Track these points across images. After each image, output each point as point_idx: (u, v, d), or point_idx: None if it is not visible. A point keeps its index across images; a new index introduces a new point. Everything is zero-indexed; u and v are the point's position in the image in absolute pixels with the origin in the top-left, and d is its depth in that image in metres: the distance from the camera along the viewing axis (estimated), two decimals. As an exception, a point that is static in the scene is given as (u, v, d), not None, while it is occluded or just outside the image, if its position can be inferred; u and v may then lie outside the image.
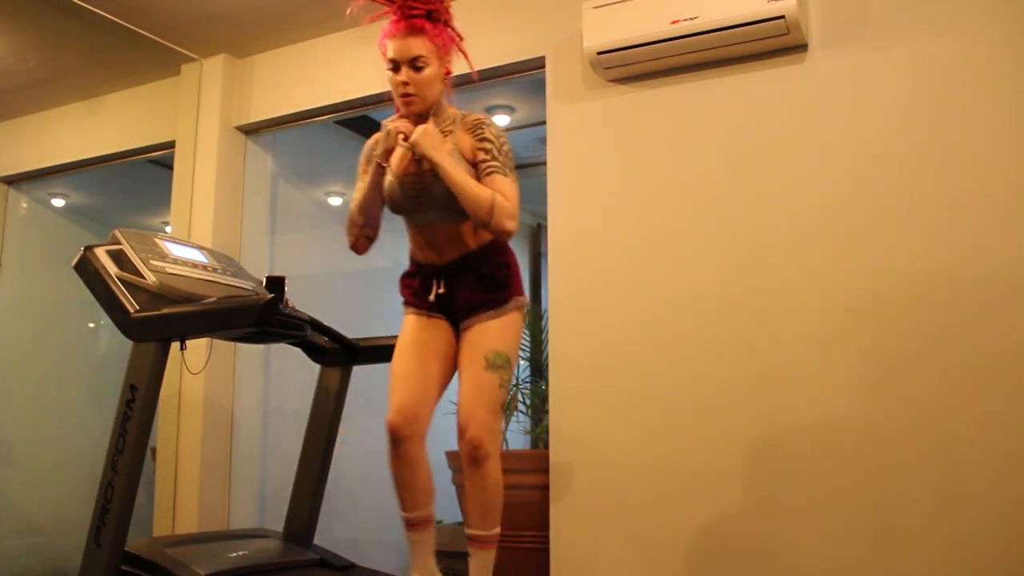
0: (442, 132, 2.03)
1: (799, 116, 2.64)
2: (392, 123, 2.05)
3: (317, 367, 2.91)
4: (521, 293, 2.11)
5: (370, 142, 2.18)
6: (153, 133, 4.02)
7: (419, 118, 2.05)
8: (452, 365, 2.11)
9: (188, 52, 3.79)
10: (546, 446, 2.94)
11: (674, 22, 2.66)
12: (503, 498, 2.03)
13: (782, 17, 2.52)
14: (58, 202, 4.76)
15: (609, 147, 2.93)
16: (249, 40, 3.70)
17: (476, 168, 2.01)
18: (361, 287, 4.28)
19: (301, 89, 3.67)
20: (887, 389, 2.39)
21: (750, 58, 2.71)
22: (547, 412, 2.95)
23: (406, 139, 2.00)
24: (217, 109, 3.75)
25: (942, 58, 2.46)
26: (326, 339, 2.83)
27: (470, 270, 2.05)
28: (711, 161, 2.75)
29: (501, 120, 4.29)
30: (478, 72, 2.23)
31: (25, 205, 4.61)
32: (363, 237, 2.13)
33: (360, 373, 2.95)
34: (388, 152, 2.04)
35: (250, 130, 3.85)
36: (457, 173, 1.95)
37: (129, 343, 2.34)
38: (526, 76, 3.25)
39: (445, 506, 4.02)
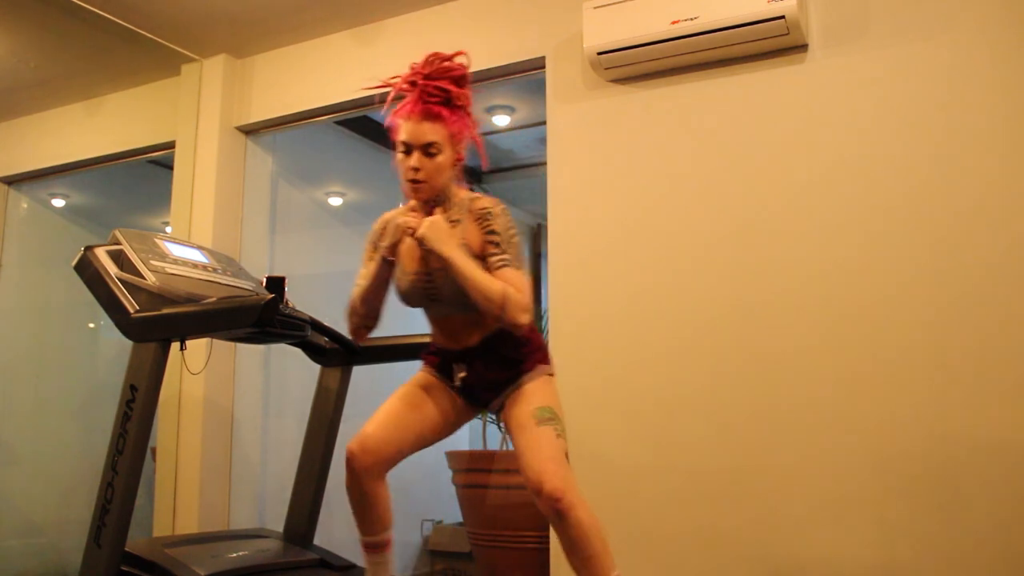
0: (450, 222, 1.96)
1: (799, 116, 2.64)
2: (401, 216, 1.98)
3: (317, 367, 2.91)
4: (547, 362, 2.05)
5: (376, 227, 2.10)
6: (153, 133, 4.02)
7: (426, 204, 2.00)
8: (443, 427, 2.07)
9: (188, 52, 3.79)
10: (546, 446, 2.93)
11: (674, 22, 2.66)
12: (603, 537, 1.90)
13: (782, 17, 2.52)
14: (58, 202, 4.76)
15: (609, 147, 2.93)
16: (249, 40, 3.70)
17: (484, 261, 1.94)
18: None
19: (301, 89, 3.67)
20: (887, 388, 2.39)
21: (750, 58, 2.71)
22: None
23: (412, 235, 1.93)
24: (217, 109, 3.75)
25: (942, 58, 2.46)
26: (326, 339, 2.83)
27: (491, 353, 2.01)
28: (711, 161, 2.75)
29: (501, 120, 4.29)
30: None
31: (25, 205, 4.61)
32: (363, 327, 2.07)
33: (360, 373, 2.95)
34: (394, 246, 1.97)
35: (250, 130, 3.86)
36: (467, 267, 1.88)
37: (129, 343, 2.34)
38: (526, 76, 3.25)
39: (445, 506, 4.03)
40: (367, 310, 2.04)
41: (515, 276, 1.92)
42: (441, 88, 1.92)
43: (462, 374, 2.03)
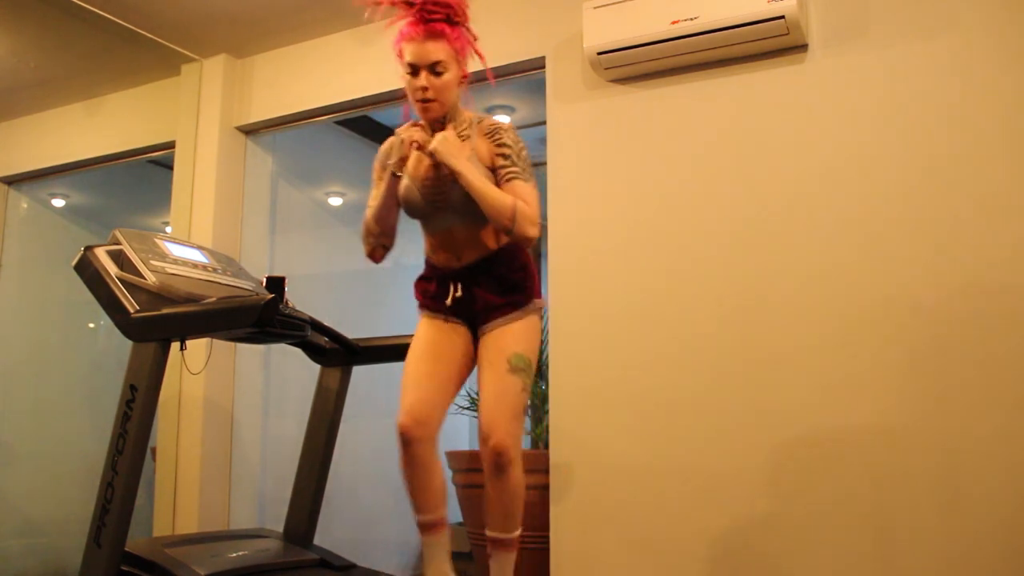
0: (459, 137, 2.02)
1: (799, 116, 2.64)
2: (406, 131, 2.04)
3: (317, 367, 2.91)
4: (539, 295, 2.09)
5: (384, 147, 2.16)
6: (153, 133, 4.02)
7: (436, 123, 2.04)
8: (466, 369, 2.10)
9: (188, 52, 3.79)
10: (546, 446, 2.94)
11: (674, 22, 2.66)
12: (523, 500, 2.02)
13: (782, 17, 2.52)
14: (58, 202, 4.76)
15: (609, 147, 2.93)
16: (249, 40, 3.70)
17: (495, 173, 1.99)
18: (361, 287, 4.28)
19: (301, 89, 3.67)
20: (889, 390, 2.39)
21: (750, 58, 2.71)
22: (547, 412, 2.95)
23: (420, 148, 1.98)
24: (217, 109, 3.75)
25: (942, 58, 2.46)
26: (326, 339, 2.83)
27: (488, 273, 2.03)
28: (711, 161, 2.75)
29: (501, 120, 4.29)
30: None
31: (25, 205, 4.61)
32: (380, 246, 2.12)
33: (360, 373, 2.95)
34: (402, 161, 2.02)
35: (250, 130, 3.86)
36: (478, 180, 1.93)
37: (129, 343, 2.34)
38: (526, 76, 3.25)
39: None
40: (382, 228, 2.09)
41: (525, 189, 1.96)
42: (440, 4, 1.95)
43: (457, 294, 2.04)
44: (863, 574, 2.35)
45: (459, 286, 2.05)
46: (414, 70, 1.98)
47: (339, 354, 2.85)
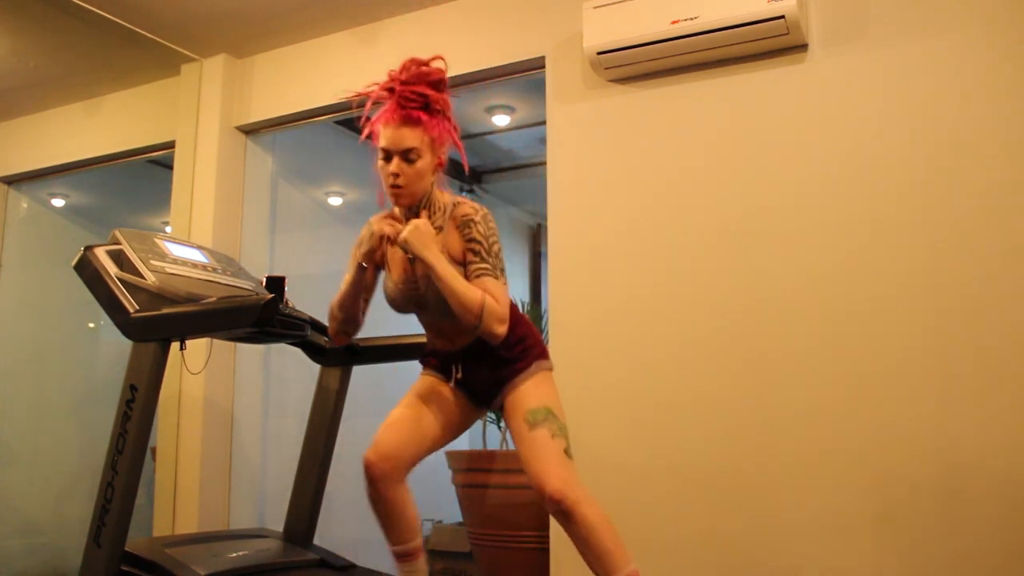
0: (432, 225, 1.96)
1: (799, 116, 2.64)
2: (377, 223, 2.00)
3: (317, 367, 2.91)
4: (544, 358, 2.04)
5: (362, 233, 2.11)
6: (153, 133, 4.02)
7: (408, 210, 2.01)
8: (453, 426, 2.07)
9: (188, 52, 3.79)
10: (546, 446, 2.93)
11: (674, 22, 2.66)
12: (614, 532, 1.89)
13: (782, 17, 2.52)
14: (58, 202, 4.76)
15: (609, 147, 2.93)
16: (249, 40, 3.70)
17: (464, 268, 1.94)
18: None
19: (301, 89, 3.67)
20: (888, 389, 2.39)
21: (750, 58, 2.71)
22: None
23: (391, 241, 1.96)
24: (217, 109, 3.75)
25: (942, 58, 2.46)
26: (326, 339, 2.83)
27: (485, 354, 2.00)
28: (711, 161, 2.75)
29: (501, 120, 4.29)
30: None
31: (25, 205, 4.61)
32: (342, 332, 2.09)
33: (360, 373, 2.95)
34: (370, 253, 1.99)
35: (250, 130, 3.86)
36: (447, 275, 1.88)
37: (129, 343, 2.34)
38: (526, 76, 3.25)
39: (445, 506, 4.02)
40: (344, 315, 2.06)
41: (493, 286, 1.91)
42: (419, 93, 1.92)
43: (458, 376, 2.04)
44: (862, 571, 2.35)
45: (459, 367, 2.04)
46: (387, 155, 1.96)
47: (339, 354, 2.84)
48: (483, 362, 2.01)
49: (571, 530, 1.87)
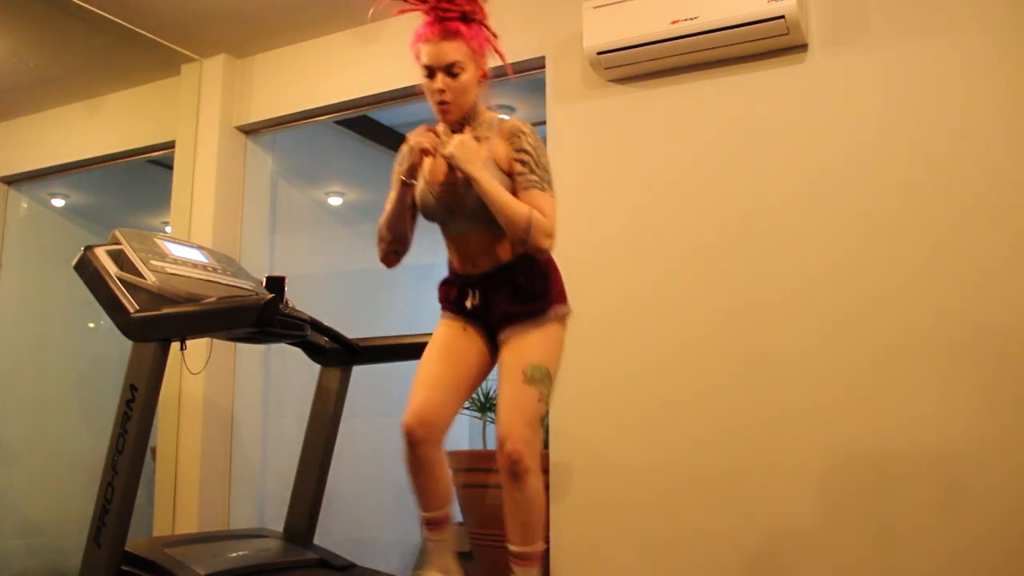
0: (477, 139, 1.95)
1: (799, 116, 2.64)
2: (416, 137, 1.98)
3: (317, 367, 2.91)
4: (562, 302, 2.03)
5: (403, 148, 2.09)
6: (153, 133, 4.02)
7: (454, 124, 1.99)
8: (479, 374, 2.06)
9: (188, 52, 3.79)
10: (546, 446, 2.94)
11: (674, 22, 2.66)
12: (544, 508, 1.96)
13: (782, 17, 2.52)
14: (58, 202, 4.76)
15: (609, 147, 2.93)
16: (249, 40, 3.70)
17: (512, 179, 1.93)
18: (361, 287, 4.28)
19: (301, 89, 3.67)
20: (888, 390, 2.39)
21: (750, 58, 2.71)
22: (547, 412, 2.95)
23: (432, 153, 1.93)
24: (217, 109, 3.75)
25: (942, 58, 2.46)
26: (326, 339, 2.83)
27: (506, 281, 1.98)
28: (711, 161, 2.75)
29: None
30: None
31: (25, 205, 4.61)
32: (392, 252, 2.06)
33: (360, 373, 2.95)
34: (413, 168, 1.97)
35: (250, 130, 3.86)
36: (493, 188, 1.87)
37: (129, 343, 2.34)
38: (526, 76, 3.24)
39: (445, 506, 4.02)
40: (393, 235, 2.03)
41: (542, 199, 1.91)
42: (455, 3, 1.89)
43: (476, 301, 2.00)
44: (864, 572, 2.35)
45: (477, 293, 2.00)
46: (430, 72, 1.92)
47: (339, 354, 2.85)
48: (502, 290, 1.98)
49: (513, 492, 1.91)
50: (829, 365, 2.47)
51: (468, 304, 2.01)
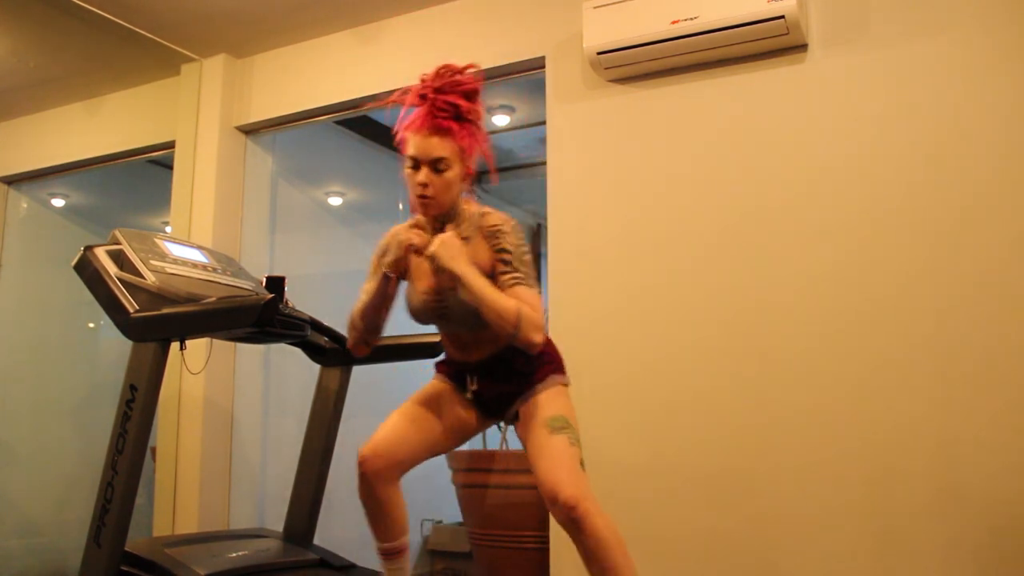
0: (460, 237, 1.91)
1: (799, 116, 2.64)
2: (404, 233, 1.95)
3: (317, 367, 2.91)
4: (560, 372, 2.01)
5: (382, 242, 2.06)
6: (153, 133, 4.02)
7: (435, 221, 1.97)
8: (456, 434, 2.05)
9: (188, 52, 3.79)
10: (546, 446, 2.93)
11: (674, 22, 2.66)
12: (624, 548, 1.84)
13: (782, 17, 2.52)
14: (58, 202, 4.76)
15: (609, 147, 2.93)
16: (249, 40, 3.70)
17: (495, 279, 1.90)
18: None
19: (301, 89, 3.67)
20: (888, 390, 2.39)
21: (750, 58, 2.71)
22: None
23: (418, 252, 1.92)
24: (217, 109, 3.75)
25: (942, 58, 2.46)
26: (326, 339, 2.83)
27: (503, 368, 1.98)
28: (711, 161, 2.75)
29: (501, 120, 4.29)
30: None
31: (25, 205, 4.61)
32: (362, 342, 2.06)
33: (360, 373, 2.95)
34: (398, 263, 1.94)
35: (250, 130, 3.86)
36: (478, 286, 1.84)
37: (129, 343, 2.34)
38: (526, 76, 3.24)
39: (445, 506, 4.03)
40: (366, 325, 2.02)
41: (528, 294, 1.88)
42: (452, 103, 1.87)
43: (473, 387, 2.01)
44: (864, 573, 2.35)
45: (475, 380, 2.01)
46: (415, 164, 1.89)
47: (339, 354, 2.84)
48: (499, 376, 1.98)
49: (581, 540, 1.82)
50: (829, 365, 2.47)
51: (468, 393, 2.02)
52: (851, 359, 2.45)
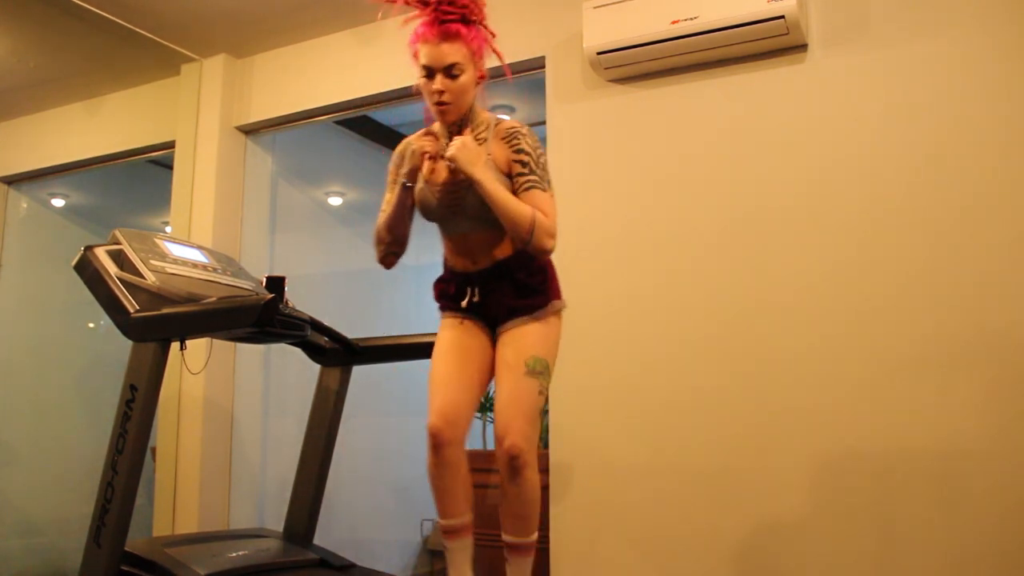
0: (476, 140, 1.97)
1: (799, 116, 2.64)
2: (418, 141, 1.99)
3: (317, 367, 2.91)
4: (559, 297, 2.05)
5: (399, 149, 2.09)
6: (153, 133, 4.02)
7: (453, 126, 2.00)
8: (489, 369, 2.05)
9: (188, 52, 3.79)
10: (546, 446, 2.94)
11: (674, 22, 2.66)
12: (539, 503, 1.98)
13: (782, 17, 2.52)
14: (58, 202, 4.76)
15: (609, 147, 2.93)
16: (249, 40, 3.70)
17: (511, 180, 1.94)
18: (361, 287, 4.28)
19: (301, 89, 3.67)
20: (888, 389, 2.39)
21: (750, 58, 2.71)
22: (547, 412, 2.95)
23: (433, 158, 1.96)
24: (217, 109, 3.75)
25: (941, 58, 2.46)
26: (326, 339, 2.83)
27: (505, 277, 1.99)
28: (711, 161, 2.75)
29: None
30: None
31: (25, 205, 4.61)
32: (391, 253, 2.08)
33: (360, 373, 2.95)
34: (414, 171, 1.98)
35: (250, 130, 3.86)
36: (495, 189, 1.88)
37: (129, 343, 2.34)
38: (526, 76, 3.24)
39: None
40: (393, 237, 2.05)
41: (543, 199, 1.93)
42: (457, 3, 1.90)
43: (474, 298, 2.01)
44: (864, 572, 2.35)
45: (476, 290, 2.01)
46: (429, 73, 1.92)
47: (339, 354, 2.84)
48: (502, 286, 1.99)
49: (511, 486, 1.91)
50: (829, 365, 2.47)
51: (465, 303, 2.01)
52: (851, 359, 2.45)
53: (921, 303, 2.39)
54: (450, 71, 1.91)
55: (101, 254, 2.45)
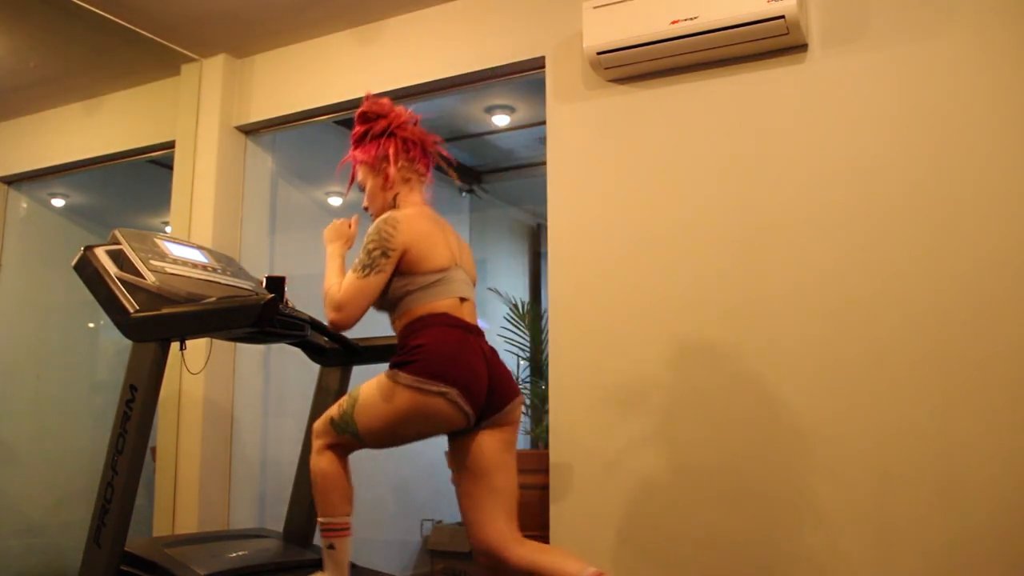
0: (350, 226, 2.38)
1: (799, 116, 2.64)
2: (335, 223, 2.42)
3: (317, 367, 2.91)
4: (401, 369, 2.05)
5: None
6: (153, 133, 4.02)
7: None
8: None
9: (188, 52, 3.79)
10: (546, 446, 2.94)
11: (674, 22, 2.66)
12: (327, 487, 2.22)
13: (782, 17, 2.52)
14: (58, 202, 4.76)
15: (609, 147, 2.93)
16: (249, 40, 3.71)
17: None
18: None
19: (301, 89, 3.67)
20: (889, 389, 2.39)
21: (750, 58, 2.71)
22: (547, 412, 2.95)
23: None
24: (217, 109, 3.75)
25: (942, 58, 2.46)
26: (326, 339, 2.83)
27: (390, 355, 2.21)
28: (711, 161, 2.75)
29: (501, 120, 4.30)
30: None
31: (25, 205, 4.62)
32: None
33: (360, 373, 2.95)
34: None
35: (250, 130, 3.86)
36: (328, 267, 2.24)
37: (129, 343, 2.34)
38: (526, 76, 3.25)
39: (445, 506, 4.03)
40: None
41: (348, 278, 2.13)
42: (354, 138, 2.26)
43: None
44: (862, 570, 2.35)
45: None
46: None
47: (339, 354, 2.84)
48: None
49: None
50: (829, 364, 2.47)
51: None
52: (852, 358, 2.45)
53: (922, 302, 2.38)
54: (361, 188, 2.31)
55: (101, 254, 2.45)
